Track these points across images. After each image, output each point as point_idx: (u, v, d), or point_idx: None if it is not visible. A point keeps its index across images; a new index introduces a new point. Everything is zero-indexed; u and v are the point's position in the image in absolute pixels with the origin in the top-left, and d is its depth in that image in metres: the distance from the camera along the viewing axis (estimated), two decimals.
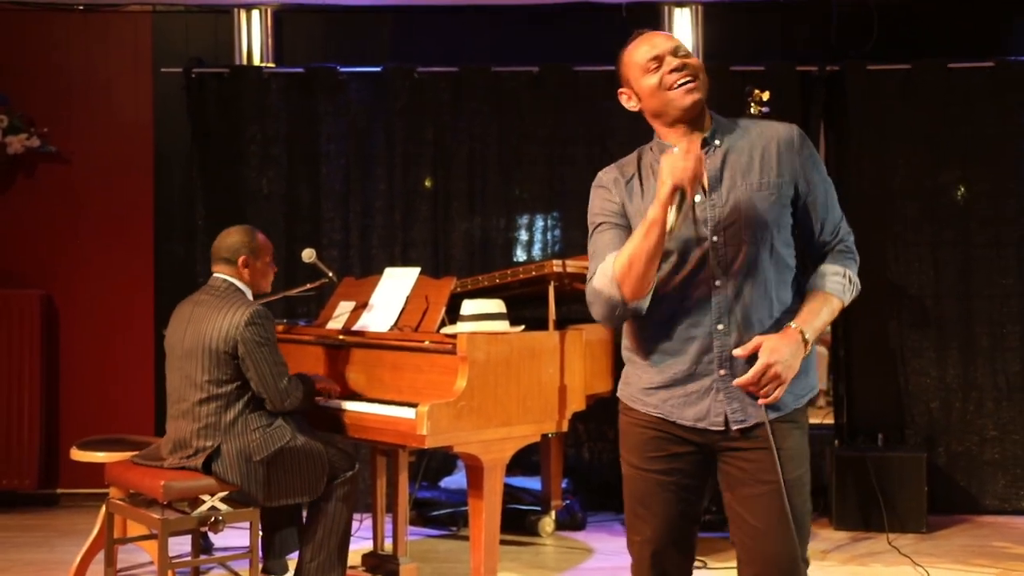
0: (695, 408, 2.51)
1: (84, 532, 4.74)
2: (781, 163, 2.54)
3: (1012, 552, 5.10)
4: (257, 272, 4.10)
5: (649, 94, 2.58)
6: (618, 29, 6.07)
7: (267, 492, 3.83)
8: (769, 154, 2.55)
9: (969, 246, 5.89)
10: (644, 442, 2.58)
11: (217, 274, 4.05)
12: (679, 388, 2.53)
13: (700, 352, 2.50)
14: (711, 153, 2.56)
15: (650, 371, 2.57)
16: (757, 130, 2.61)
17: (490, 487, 3.98)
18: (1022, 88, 5.85)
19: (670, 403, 2.54)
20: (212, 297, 3.97)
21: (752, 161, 2.54)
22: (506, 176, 6.04)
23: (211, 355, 3.83)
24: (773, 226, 2.50)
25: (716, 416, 2.50)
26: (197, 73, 6.04)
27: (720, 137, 2.59)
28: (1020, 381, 5.85)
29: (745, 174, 2.52)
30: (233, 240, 4.06)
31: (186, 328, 3.94)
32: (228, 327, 3.83)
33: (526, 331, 4.20)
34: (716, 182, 2.52)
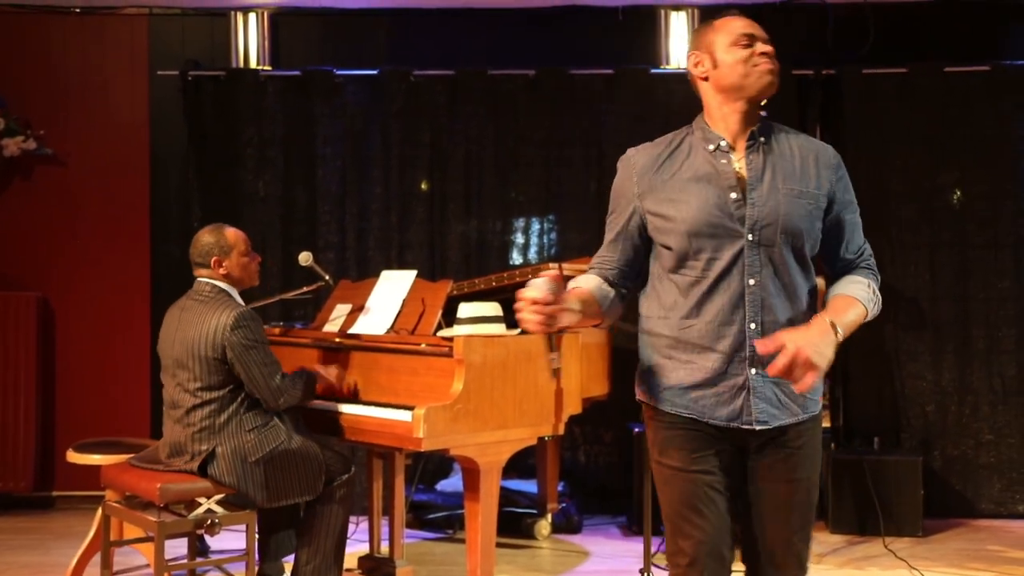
0: (728, 408, 2.50)
1: (80, 535, 4.73)
2: (820, 177, 2.55)
3: (1008, 556, 5.10)
4: (235, 268, 4.03)
5: (731, 65, 2.55)
6: (614, 32, 6.11)
7: (266, 493, 3.83)
8: (808, 165, 2.55)
9: (966, 248, 5.90)
10: (684, 443, 2.54)
11: (200, 278, 4.03)
12: (711, 388, 2.51)
13: (732, 351, 2.48)
14: (755, 150, 2.55)
15: (680, 371, 2.55)
16: (800, 140, 2.61)
17: (486, 490, 3.97)
18: (1018, 91, 5.87)
19: (702, 403, 2.52)
20: (197, 302, 3.94)
21: (794, 168, 2.54)
22: (502, 179, 6.05)
23: (200, 362, 3.82)
24: (806, 235, 2.51)
25: (747, 415, 2.49)
26: (193, 75, 6.04)
27: (765, 136, 2.58)
28: (1016, 385, 5.86)
29: (786, 179, 2.52)
30: (202, 243, 4.01)
31: (174, 335, 3.93)
32: (214, 333, 3.80)
33: (522, 334, 4.19)
34: (757, 181, 2.51)
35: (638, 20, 6.12)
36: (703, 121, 2.64)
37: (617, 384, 4.98)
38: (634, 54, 6.11)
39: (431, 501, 5.60)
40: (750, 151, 2.54)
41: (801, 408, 2.52)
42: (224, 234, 4.04)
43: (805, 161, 2.55)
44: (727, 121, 2.58)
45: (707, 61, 2.59)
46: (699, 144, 2.59)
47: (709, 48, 2.59)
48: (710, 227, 2.46)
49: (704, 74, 2.60)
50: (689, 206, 2.49)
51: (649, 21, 6.13)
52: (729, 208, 2.48)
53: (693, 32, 2.70)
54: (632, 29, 6.13)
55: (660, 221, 2.54)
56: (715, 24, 2.62)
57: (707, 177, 2.52)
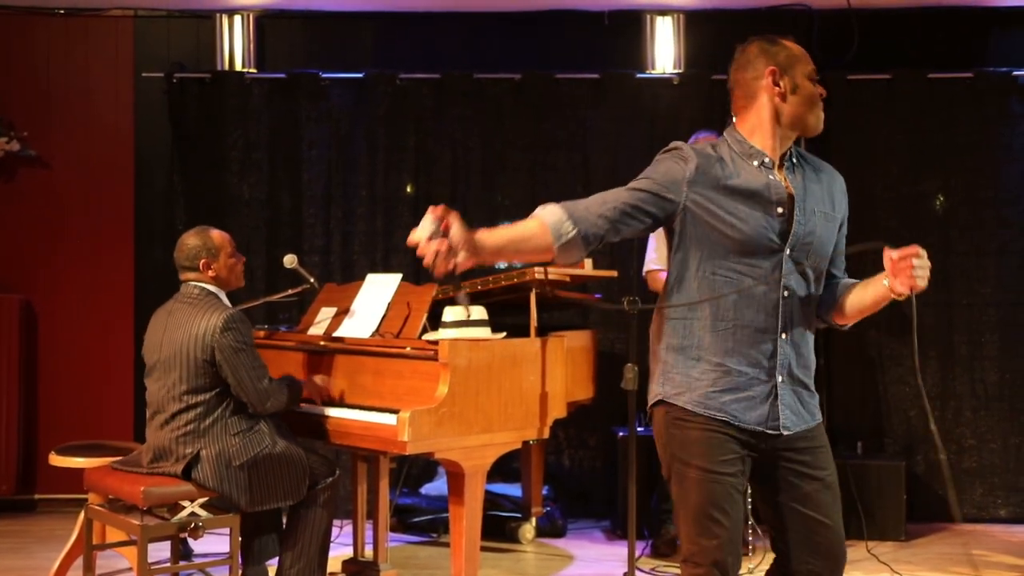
0: (756, 412, 2.59)
1: (62, 538, 4.70)
2: (839, 202, 2.72)
3: (990, 560, 5.13)
4: (222, 269, 4.02)
5: (806, 97, 2.69)
6: (599, 37, 6.12)
7: (249, 497, 3.81)
8: (833, 190, 2.72)
9: (948, 255, 5.93)
10: (715, 446, 2.58)
11: (187, 281, 4.02)
12: (743, 392, 2.59)
13: (767, 358, 2.59)
14: (791, 170, 2.67)
15: (712, 374, 2.60)
16: (818, 164, 2.76)
17: (471, 494, 3.97)
18: (1001, 98, 5.91)
19: (733, 407, 2.58)
20: (185, 305, 3.93)
21: (824, 193, 2.69)
22: (488, 182, 6.05)
23: (189, 364, 3.81)
24: (828, 255, 2.69)
25: (773, 420, 2.60)
26: (179, 78, 6.03)
27: (800, 160, 2.72)
28: (998, 390, 5.90)
29: (819, 203, 2.66)
30: (189, 246, 4.00)
31: (162, 338, 3.91)
32: (204, 334, 3.80)
33: (507, 338, 4.20)
34: (801, 200, 2.63)
35: (624, 25, 6.13)
36: (739, 133, 2.71)
37: (602, 388, 4.99)
38: (620, 59, 6.13)
39: (416, 505, 5.59)
40: (788, 170, 2.67)
41: (811, 415, 2.69)
42: (210, 236, 4.03)
43: (829, 186, 2.72)
44: (773, 140, 2.66)
45: (789, 83, 2.69)
46: (740, 157, 2.66)
47: (792, 70, 2.70)
48: (757, 240, 2.57)
49: (782, 93, 2.68)
50: (744, 221, 2.57)
51: (635, 26, 6.14)
52: (775, 224, 2.58)
53: (769, 42, 2.82)
54: (618, 34, 6.14)
55: (719, 224, 2.58)
56: (793, 48, 2.76)
57: (758, 192, 2.59)
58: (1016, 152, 5.91)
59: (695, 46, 6.14)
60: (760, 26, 6.03)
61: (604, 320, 5.95)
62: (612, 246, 5.92)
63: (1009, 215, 5.91)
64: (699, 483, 2.58)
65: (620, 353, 5.83)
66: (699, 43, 6.14)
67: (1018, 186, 5.91)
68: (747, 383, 2.59)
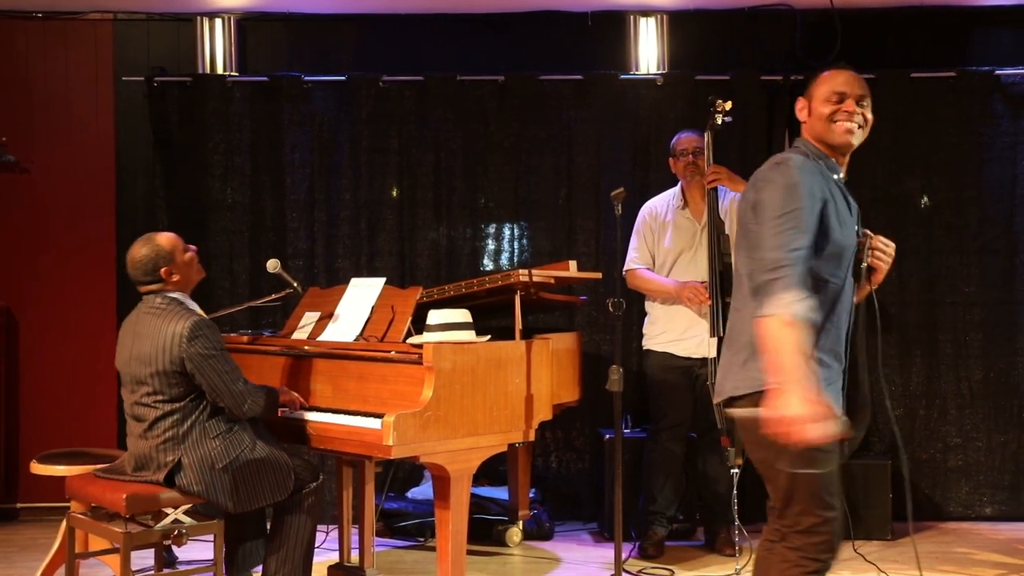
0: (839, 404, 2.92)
1: (44, 547, 4.67)
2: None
3: (975, 558, 5.14)
4: (182, 269, 3.92)
5: (818, 119, 2.97)
6: (583, 38, 6.11)
7: (236, 499, 3.78)
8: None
9: (932, 254, 5.95)
10: None
11: (148, 293, 3.91)
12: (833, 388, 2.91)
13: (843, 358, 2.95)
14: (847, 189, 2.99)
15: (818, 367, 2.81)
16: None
17: (457, 497, 3.96)
18: (983, 97, 5.93)
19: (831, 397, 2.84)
20: (150, 316, 3.83)
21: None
22: (472, 185, 6.03)
23: (159, 376, 3.74)
24: None
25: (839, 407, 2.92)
26: (159, 82, 5.99)
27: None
28: (983, 389, 5.92)
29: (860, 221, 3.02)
30: (141, 259, 3.87)
31: (130, 352, 3.84)
32: (171, 345, 3.72)
33: (492, 341, 4.18)
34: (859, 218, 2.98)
35: (607, 26, 6.13)
36: (821, 151, 3.00)
37: (588, 390, 4.98)
38: (603, 60, 6.12)
39: (402, 509, 5.57)
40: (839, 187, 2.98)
41: None
42: (158, 242, 3.91)
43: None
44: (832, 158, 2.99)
45: (807, 109, 3.03)
46: (827, 171, 2.96)
47: (810, 96, 3.02)
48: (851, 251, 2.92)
49: (803, 119, 3.04)
50: (848, 230, 2.91)
51: (618, 27, 6.14)
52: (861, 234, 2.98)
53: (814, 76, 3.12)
54: (601, 35, 6.13)
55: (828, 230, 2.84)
56: (822, 74, 3.05)
57: (848, 207, 2.95)
58: (999, 150, 5.93)
59: (679, 47, 6.14)
60: (743, 27, 6.11)
61: (590, 322, 5.94)
62: (596, 248, 5.97)
63: (993, 214, 5.93)
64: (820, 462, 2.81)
65: (606, 355, 5.82)
66: (683, 44, 6.14)
67: (1001, 185, 5.93)
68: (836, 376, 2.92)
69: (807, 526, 2.85)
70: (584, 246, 5.98)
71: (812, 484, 2.82)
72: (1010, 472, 5.91)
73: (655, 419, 5.26)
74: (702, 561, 5.11)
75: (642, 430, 5.52)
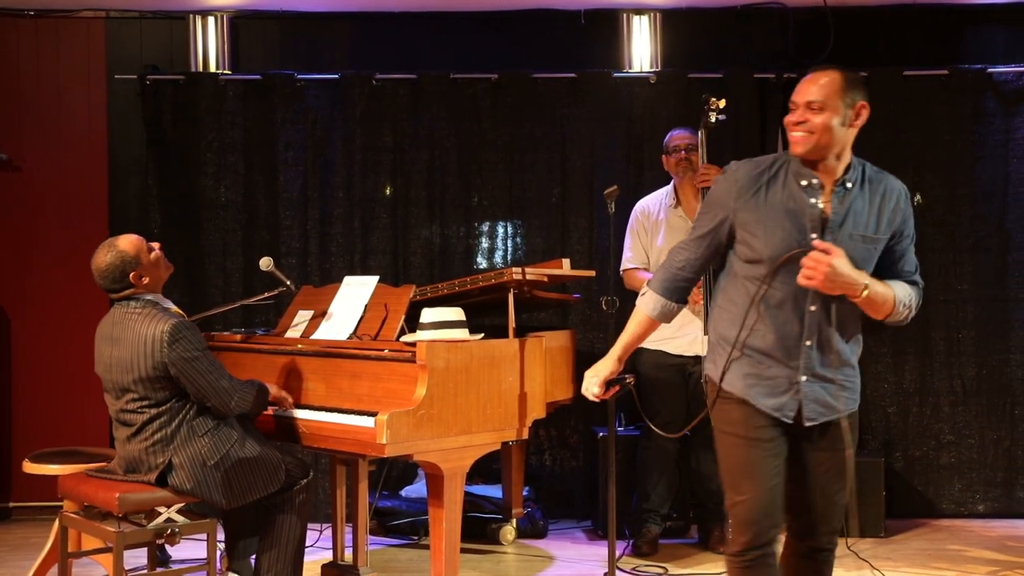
0: (774, 400, 2.97)
1: (37, 546, 4.66)
2: (889, 221, 2.96)
3: (968, 555, 5.15)
4: (150, 272, 3.84)
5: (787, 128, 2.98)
6: (576, 36, 6.11)
7: (229, 495, 3.76)
8: (882, 210, 2.95)
9: (925, 252, 5.93)
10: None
11: (120, 300, 3.85)
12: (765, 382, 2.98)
13: (790, 359, 2.95)
14: (839, 196, 2.92)
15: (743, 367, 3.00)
16: (876, 181, 3.00)
17: (450, 496, 3.96)
18: (976, 95, 5.93)
19: (754, 390, 2.98)
20: (127, 320, 3.77)
21: (868, 215, 2.93)
22: (465, 183, 6.03)
23: (142, 382, 3.71)
24: (864, 270, 2.90)
25: (789, 411, 2.97)
26: (152, 80, 5.97)
27: (851, 182, 2.95)
28: (975, 386, 5.93)
29: (858, 226, 2.92)
30: (106, 267, 3.79)
31: (110, 359, 3.79)
32: (151, 350, 3.67)
33: (486, 339, 4.18)
34: (836, 226, 2.90)
35: (601, 24, 6.13)
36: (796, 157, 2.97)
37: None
38: (597, 58, 6.12)
39: (395, 507, 5.56)
40: (836, 195, 2.92)
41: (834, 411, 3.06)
42: (122, 248, 3.82)
43: (882, 207, 2.95)
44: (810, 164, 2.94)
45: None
46: (793, 177, 2.95)
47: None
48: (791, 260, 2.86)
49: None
50: (775, 236, 2.89)
51: (611, 25, 6.14)
52: (807, 244, 2.86)
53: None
54: (595, 33, 6.13)
55: (749, 237, 2.93)
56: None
57: (795, 212, 2.90)
58: (991, 148, 5.94)
59: (672, 45, 6.14)
60: (736, 25, 6.11)
61: (583, 320, 5.94)
62: (590, 246, 5.97)
63: (985, 211, 5.94)
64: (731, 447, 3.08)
65: (600, 353, 5.80)
66: (676, 42, 6.15)
67: (994, 182, 5.94)
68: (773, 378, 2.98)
69: (727, 506, 3.07)
70: (578, 244, 5.98)
71: (723, 464, 3.07)
72: (1003, 469, 5.92)
73: (648, 417, 5.25)
74: (696, 559, 5.11)
75: (636, 428, 5.52)
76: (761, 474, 2.96)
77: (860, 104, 2.93)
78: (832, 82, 2.91)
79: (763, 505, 2.95)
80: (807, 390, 2.95)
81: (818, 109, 2.88)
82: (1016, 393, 5.90)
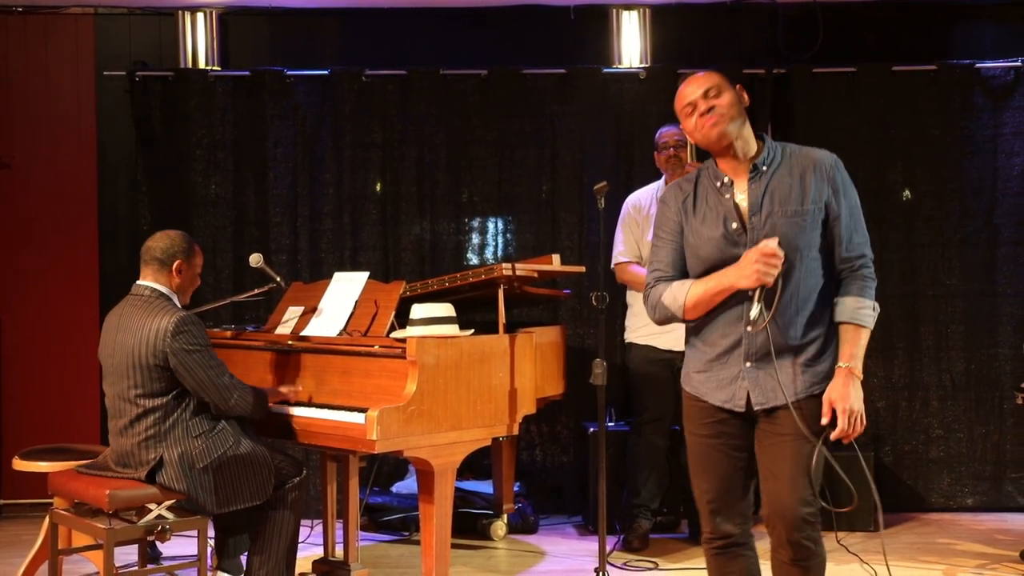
0: (724, 391, 3.01)
1: (27, 543, 4.65)
2: (814, 190, 2.97)
3: (957, 549, 5.17)
4: (187, 280, 3.95)
5: (689, 132, 3.07)
6: (566, 32, 6.12)
7: (216, 499, 3.77)
8: (805, 182, 2.97)
9: (914, 247, 5.98)
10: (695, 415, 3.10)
11: (142, 281, 3.90)
12: (714, 375, 3.02)
13: (732, 348, 2.98)
14: (756, 180, 2.98)
15: (695, 361, 3.08)
16: (800, 158, 3.03)
17: (441, 491, 3.96)
18: (964, 90, 5.96)
19: (706, 385, 3.04)
20: (135, 308, 3.82)
21: (791, 190, 2.97)
22: (455, 179, 6.03)
23: (141, 370, 3.73)
24: (804, 248, 2.93)
25: (739, 400, 2.99)
26: (141, 76, 5.96)
27: (767, 164, 3.00)
28: (964, 380, 5.95)
29: (783, 202, 2.95)
30: (170, 242, 3.91)
31: (114, 342, 3.82)
32: (155, 339, 3.70)
33: (476, 335, 4.19)
34: (756, 208, 2.96)
35: (590, 19, 6.13)
36: (712, 161, 3.08)
37: (572, 383, 4.99)
38: (586, 54, 6.13)
39: (386, 503, 5.57)
40: (752, 182, 2.99)
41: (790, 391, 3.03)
42: (193, 243, 3.98)
43: (803, 179, 2.98)
44: (724, 165, 3.04)
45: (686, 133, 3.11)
46: (710, 181, 3.06)
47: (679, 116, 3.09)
48: (718, 253, 2.95)
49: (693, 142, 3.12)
50: (702, 237, 2.99)
51: (601, 21, 6.14)
52: (732, 236, 2.95)
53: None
54: (584, 29, 6.14)
55: (686, 245, 3.06)
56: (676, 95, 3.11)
57: (715, 212, 3.00)
58: (979, 143, 5.96)
59: (661, 40, 6.15)
60: (725, 20, 6.12)
61: (573, 315, 5.95)
62: (580, 242, 5.98)
63: (973, 206, 5.97)
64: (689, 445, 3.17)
65: (590, 348, 5.83)
66: (665, 37, 6.15)
67: (982, 177, 5.96)
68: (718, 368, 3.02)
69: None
70: (567, 240, 5.99)
71: (688, 460, 3.16)
72: (991, 463, 5.95)
73: (638, 412, 5.28)
74: (686, 553, 5.13)
75: (626, 423, 5.53)
76: (713, 466, 3.05)
77: (739, 86, 3.06)
78: (713, 74, 3.05)
79: (718, 496, 3.05)
80: (752, 377, 2.96)
81: (716, 94, 2.99)
82: (1004, 387, 5.93)
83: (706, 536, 3.14)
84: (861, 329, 2.99)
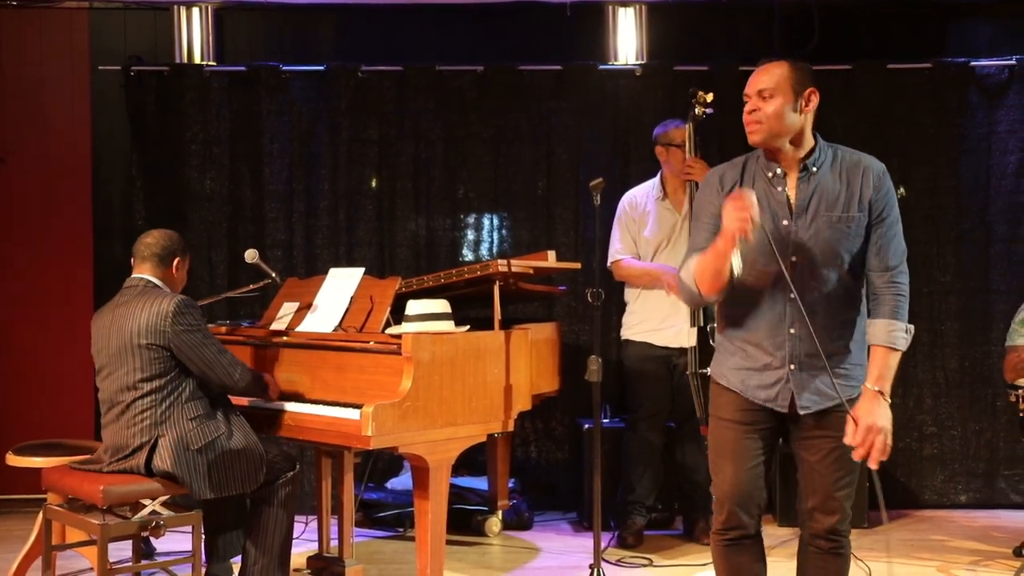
0: (766, 392, 3.04)
1: (21, 539, 4.65)
2: (862, 198, 3.01)
3: (950, 545, 5.19)
4: (181, 277, 4.06)
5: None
6: (562, 29, 6.11)
7: (209, 483, 3.76)
8: (853, 189, 3.01)
9: (909, 244, 5.88)
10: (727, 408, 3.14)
11: (137, 275, 3.96)
12: (756, 375, 3.05)
13: (776, 349, 3.01)
14: (804, 180, 3.01)
15: (734, 357, 3.09)
16: (849, 163, 3.06)
17: (436, 488, 3.96)
18: (959, 88, 5.97)
19: (746, 383, 3.06)
20: (132, 297, 3.87)
21: (839, 194, 2.99)
22: (451, 175, 6.03)
23: (139, 352, 3.76)
24: (845, 254, 2.98)
25: (783, 401, 3.03)
26: (136, 71, 5.95)
27: (817, 165, 3.02)
28: (958, 378, 5.97)
29: (830, 206, 2.98)
30: (169, 240, 4.00)
31: (110, 331, 3.85)
32: (154, 320, 3.75)
33: (471, 331, 4.19)
34: (802, 210, 2.99)
35: (586, 16, 6.13)
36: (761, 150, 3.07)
37: (567, 380, 4.99)
38: (582, 50, 6.12)
39: (381, 499, 5.57)
40: (801, 181, 3.01)
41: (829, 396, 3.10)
42: (178, 237, 4.06)
43: (851, 185, 3.01)
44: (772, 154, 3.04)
45: None
46: (761, 171, 3.06)
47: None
48: (762, 247, 2.92)
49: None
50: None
51: (597, 17, 6.14)
52: (779, 232, 2.97)
53: None
54: (580, 25, 6.14)
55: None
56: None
57: (764, 203, 2.96)
58: (974, 141, 5.97)
59: (657, 37, 6.15)
60: (721, 17, 6.12)
61: (569, 312, 5.95)
62: (576, 238, 5.97)
63: (968, 204, 5.98)
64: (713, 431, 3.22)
65: (585, 345, 5.83)
66: (661, 34, 6.15)
67: (977, 175, 5.97)
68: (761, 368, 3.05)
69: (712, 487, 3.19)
70: (563, 236, 5.99)
71: (710, 447, 3.19)
72: (984, 460, 5.96)
73: (633, 408, 5.28)
74: (681, 550, 5.13)
75: (621, 420, 5.53)
76: (739, 455, 3.07)
77: (809, 90, 3.01)
78: (780, 71, 3.01)
79: (738, 484, 3.06)
80: (796, 379, 3.00)
81: (769, 96, 2.98)
82: (998, 385, 5.93)
83: (718, 528, 3.14)
84: (892, 352, 3.04)
